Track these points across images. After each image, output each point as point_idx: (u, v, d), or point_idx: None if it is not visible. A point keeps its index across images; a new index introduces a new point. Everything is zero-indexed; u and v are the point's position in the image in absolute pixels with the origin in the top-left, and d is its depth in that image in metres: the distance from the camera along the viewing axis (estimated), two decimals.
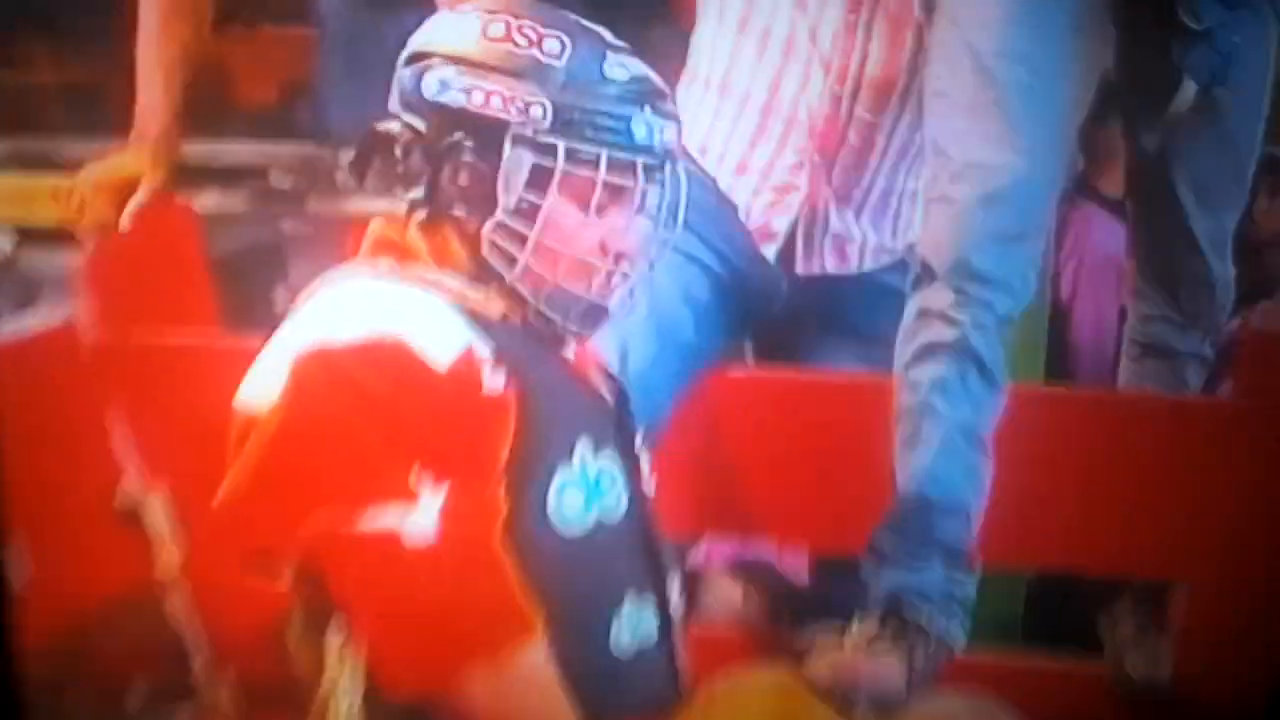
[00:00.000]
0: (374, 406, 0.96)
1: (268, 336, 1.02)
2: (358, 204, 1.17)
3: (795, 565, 1.45)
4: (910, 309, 1.25)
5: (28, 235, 1.22)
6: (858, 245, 1.36)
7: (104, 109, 1.23)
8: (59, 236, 1.23)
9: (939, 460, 1.24)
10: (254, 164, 1.27)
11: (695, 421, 1.30)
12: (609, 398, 1.10)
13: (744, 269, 1.34)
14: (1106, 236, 1.88)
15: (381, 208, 1.05)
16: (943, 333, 1.23)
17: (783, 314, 1.37)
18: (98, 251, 1.24)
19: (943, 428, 1.24)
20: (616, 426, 1.09)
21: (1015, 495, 1.27)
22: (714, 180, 1.34)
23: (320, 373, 0.97)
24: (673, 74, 1.28)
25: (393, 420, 0.96)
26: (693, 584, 1.35)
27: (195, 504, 1.22)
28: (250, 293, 1.26)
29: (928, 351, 1.24)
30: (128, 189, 1.22)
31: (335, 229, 1.24)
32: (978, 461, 1.26)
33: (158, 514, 1.24)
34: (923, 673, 1.22)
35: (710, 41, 1.33)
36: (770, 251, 1.35)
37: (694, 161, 1.31)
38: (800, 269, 1.35)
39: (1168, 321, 1.38)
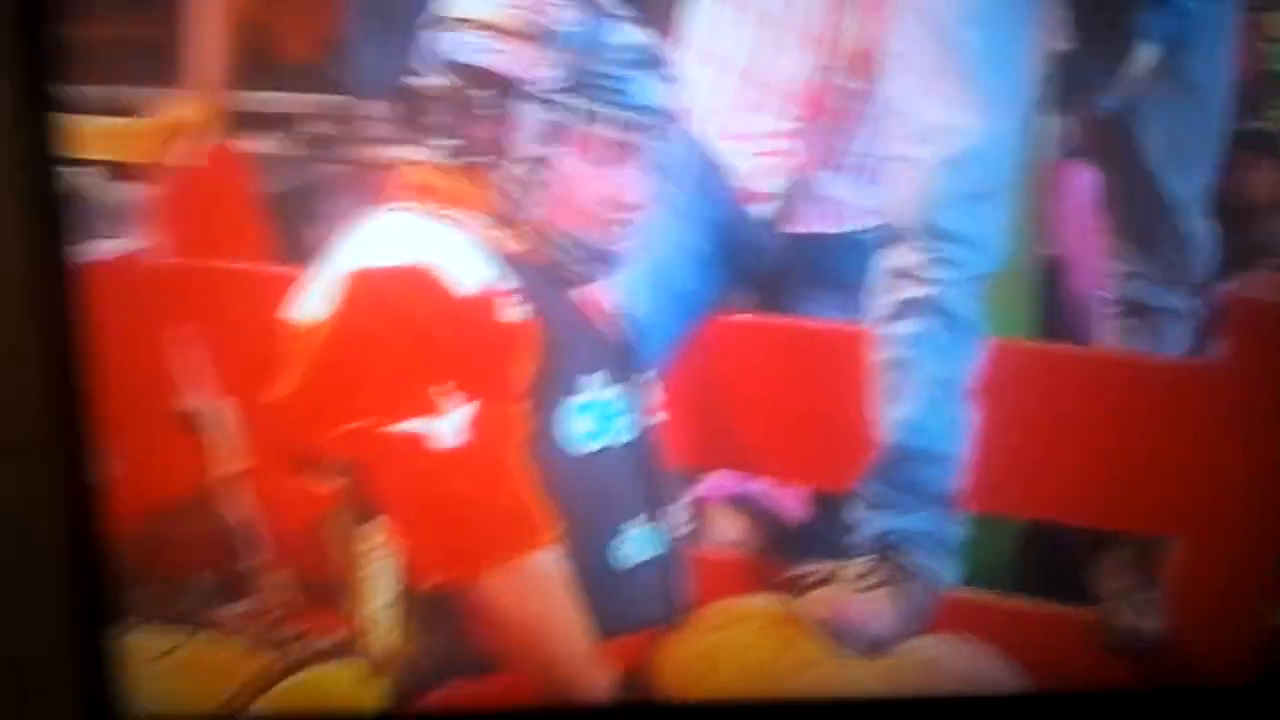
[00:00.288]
0: (410, 325, 1.08)
1: (308, 264, 1.14)
2: (387, 150, 1.27)
3: (793, 502, 1.52)
4: (881, 269, 1.31)
5: (114, 172, 1.34)
6: (844, 206, 1.43)
7: (169, 62, 1.35)
8: (139, 173, 1.35)
9: (919, 411, 1.31)
10: (297, 113, 1.37)
11: (696, 365, 1.39)
12: (616, 337, 1.21)
13: (735, 225, 1.42)
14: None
15: (408, 154, 1.17)
16: (915, 291, 1.29)
17: (774, 268, 1.44)
18: (167, 187, 1.36)
19: (921, 380, 1.31)
20: (624, 363, 1.20)
21: (1005, 446, 1.34)
22: (709, 143, 1.41)
23: (363, 293, 1.09)
24: (675, 46, 1.37)
25: (426, 339, 1.08)
26: (695, 514, 1.43)
27: (252, 412, 1.35)
28: (293, 226, 1.36)
29: (902, 308, 1.31)
30: (190, 132, 1.35)
31: (366, 172, 1.33)
32: (958, 412, 1.32)
33: (220, 420, 1.36)
34: (911, 613, 1.30)
35: (706, 17, 1.40)
36: (760, 211, 1.42)
37: (691, 125, 1.38)
38: (789, 228, 1.42)
39: (1145, 279, 1.42)
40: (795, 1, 1.38)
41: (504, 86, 1.11)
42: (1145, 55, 1.31)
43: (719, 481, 1.52)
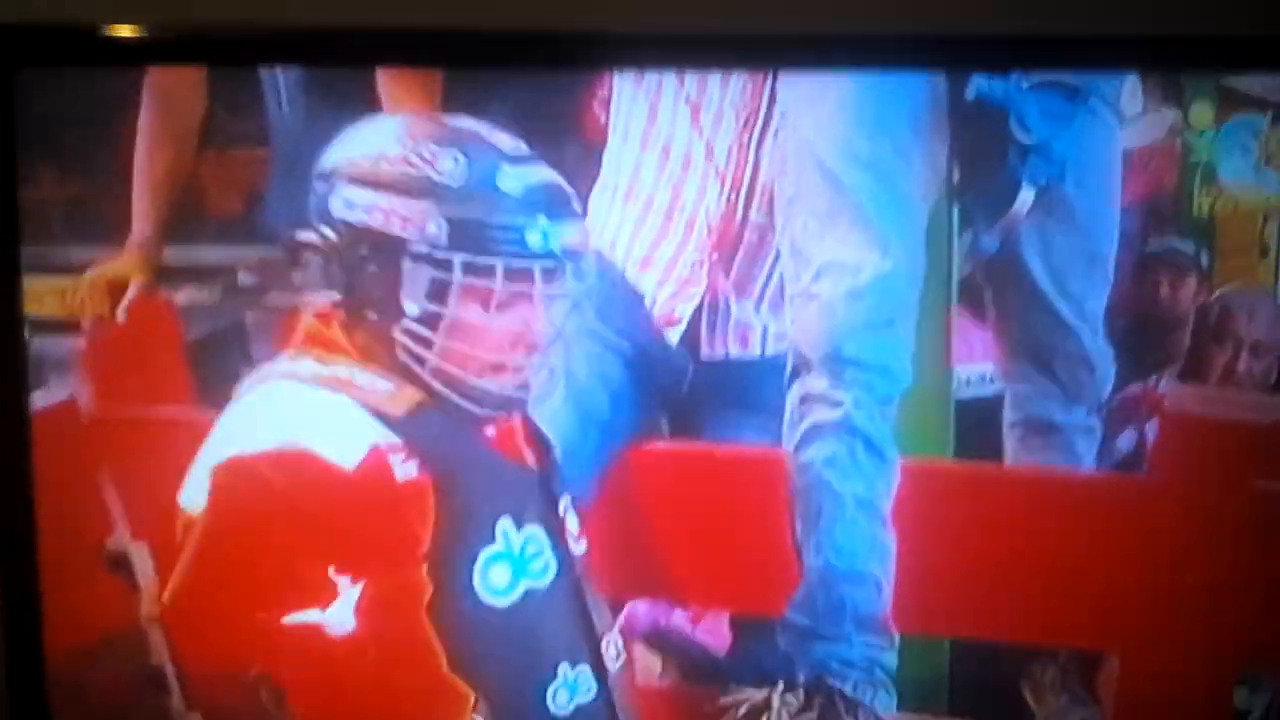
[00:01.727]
0: (287, 511, 1.05)
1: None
2: (308, 298, 1.25)
3: (714, 632, 1.51)
4: (792, 397, 1.35)
5: (38, 326, 1.37)
6: (758, 332, 1.48)
7: (100, 221, 1.41)
8: (63, 327, 1.39)
9: (839, 533, 1.32)
10: (223, 264, 1.41)
11: (614, 493, 1.39)
12: (534, 465, 1.17)
13: (652, 352, 1.46)
14: None
15: (302, 305, 1.15)
16: (826, 413, 1.33)
17: (692, 393, 1.48)
18: (94, 340, 1.41)
19: (838, 502, 1.33)
20: (541, 494, 1.16)
21: (930, 566, 1.35)
22: (622, 273, 1.47)
23: (236, 482, 1.06)
24: (588, 184, 1.43)
25: (306, 523, 1.05)
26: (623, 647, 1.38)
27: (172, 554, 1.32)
28: (220, 372, 1.35)
29: (815, 432, 1.34)
30: (120, 287, 1.40)
31: (289, 319, 1.30)
32: (878, 533, 1.34)
33: (141, 562, 1.33)
34: None
35: (617, 155, 1.47)
36: (674, 335, 1.47)
37: (603, 257, 1.45)
38: (705, 352, 1.47)
39: (1048, 398, 1.45)
40: (705, 141, 1.44)
41: (388, 245, 1.08)
42: (1026, 198, 1.36)
43: (634, 614, 1.50)
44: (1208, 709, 1.39)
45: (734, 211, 1.45)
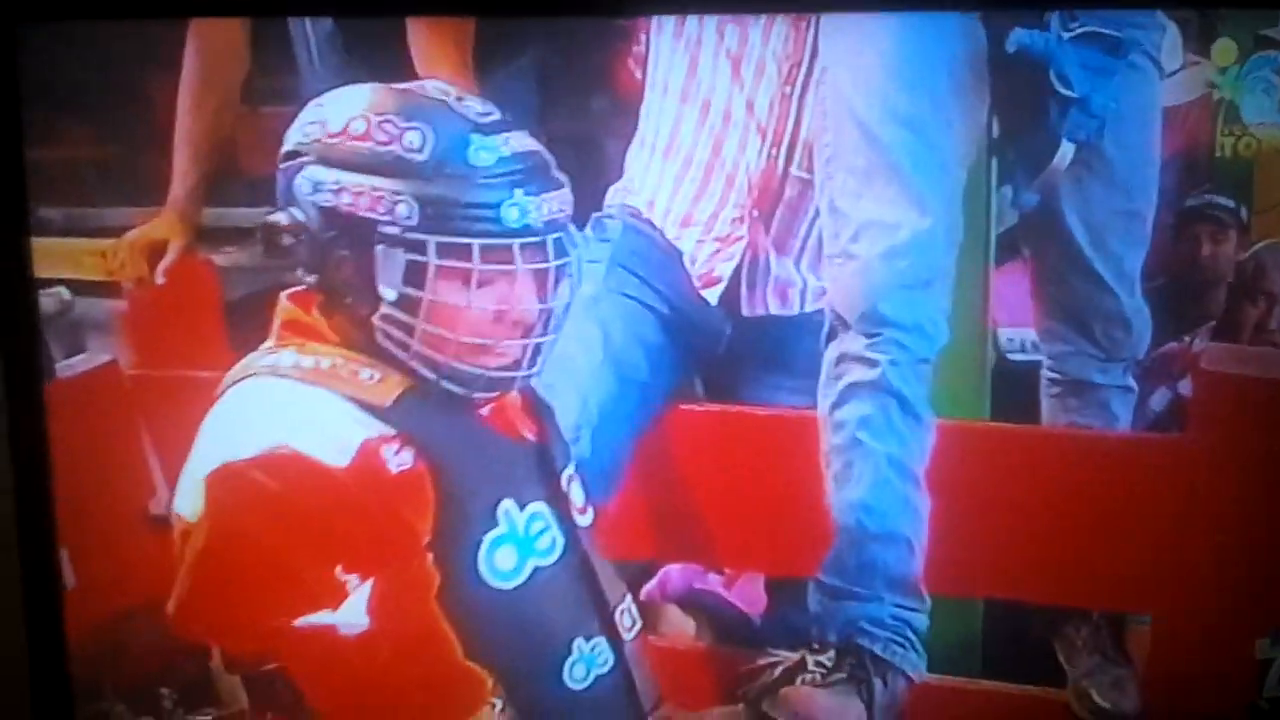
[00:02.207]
0: (285, 515, 1.00)
1: None
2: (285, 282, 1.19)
3: (749, 594, 1.52)
4: (828, 357, 1.34)
5: (80, 289, 1.39)
6: (798, 289, 1.47)
7: (140, 182, 1.40)
8: (105, 289, 1.41)
9: (872, 493, 1.31)
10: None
11: (648, 456, 1.39)
12: (533, 439, 1.11)
13: (690, 312, 1.46)
14: None
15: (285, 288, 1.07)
16: (862, 373, 1.32)
17: (729, 353, 1.48)
18: (135, 301, 1.42)
19: (872, 462, 1.31)
20: (541, 468, 1.09)
21: (964, 528, 1.34)
22: (661, 231, 1.47)
23: (229, 489, 1.00)
24: (623, 142, 1.45)
25: (306, 525, 1.00)
26: (646, 611, 1.37)
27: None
28: (257, 332, 1.33)
29: (850, 392, 1.32)
30: (160, 249, 1.41)
31: None
32: (911, 494, 1.33)
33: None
34: (883, 705, 1.29)
35: (656, 111, 1.46)
36: (713, 295, 1.46)
37: (640, 215, 1.46)
38: (745, 310, 1.46)
39: (1085, 356, 1.45)
40: (745, 96, 1.43)
41: (359, 228, 1.01)
42: (1065, 154, 1.34)
43: (668, 578, 1.52)
44: (1233, 663, 1.39)
45: (775, 167, 1.43)
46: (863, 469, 1.32)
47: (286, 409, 1.03)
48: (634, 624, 1.15)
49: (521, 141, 1.05)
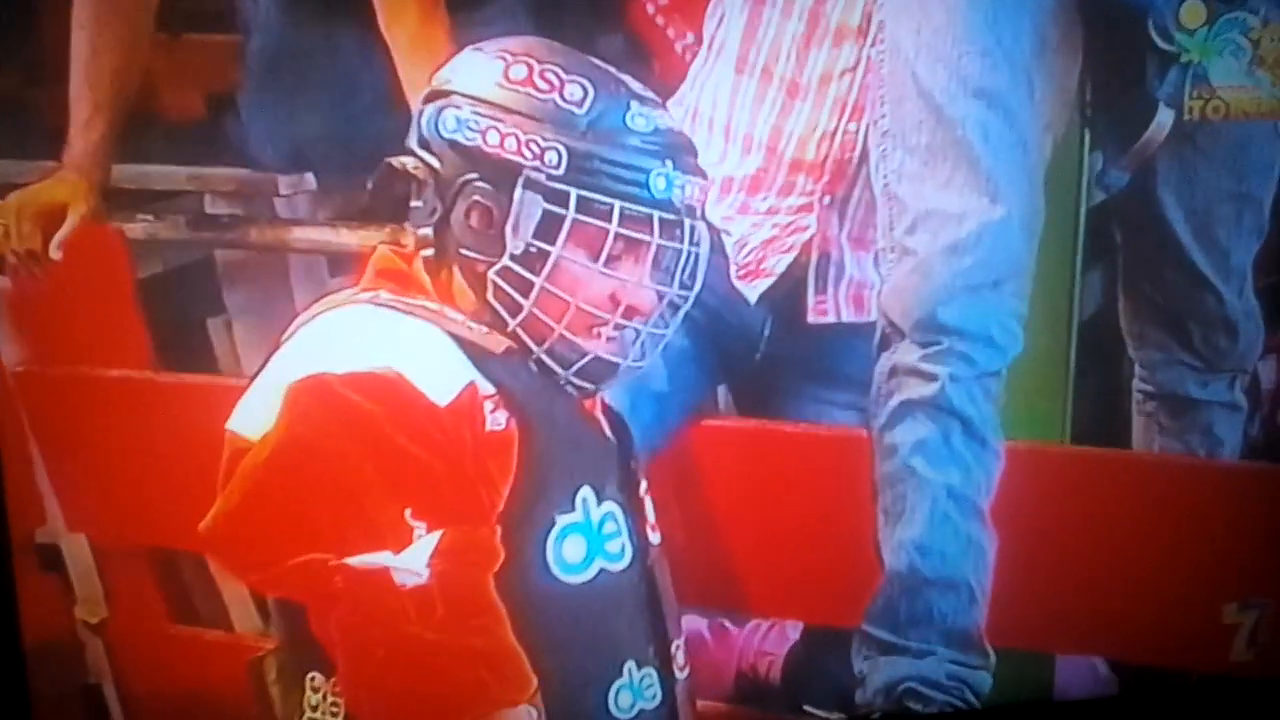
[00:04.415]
0: (370, 441, 0.98)
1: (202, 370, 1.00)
2: (303, 233, 1.17)
3: (775, 648, 1.39)
4: (880, 369, 1.22)
5: None
6: (875, 291, 1.29)
7: (30, 126, 1.22)
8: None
9: (928, 530, 1.21)
10: (187, 188, 1.25)
11: (665, 478, 1.23)
12: (614, 440, 1.10)
13: (722, 310, 1.29)
14: None
15: (327, 236, 1.04)
16: (918, 389, 1.20)
17: (764, 362, 1.31)
18: (23, 281, 1.23)
19: (929, 494, 1.21)
20: (621, 471, 1.09)
21: (1034, 571, 1.21)
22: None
23: (315, 403, 0.99)
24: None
25: (389, 456, 0.98)
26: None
27: (118, 548, 1.23)
28: (183, 325, 1.25)
29: (903, 410, 1.21)
30: (57, 215, 1.22)
31: (273, 259, 1.22)
32: (974, 530, 1.21)
33: (78, 556, 1.23)
34: None
35: (712, 82, 1.29)
36: (753, 291, 1.29)
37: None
38: (811, 317, 1.30)
39: (1182, 366, 1.33)
40: (824, 67, 1.27)
41: (502, 169, 1.03)
42: (1164, 120, 1.21)
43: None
44: None
45: (850, 148, 1.27)
46: (917, 502, 1.22)
47: (392, 334, 1.03)
48: (686, 667, 1.11)
49: (672, 121, 1.07)
